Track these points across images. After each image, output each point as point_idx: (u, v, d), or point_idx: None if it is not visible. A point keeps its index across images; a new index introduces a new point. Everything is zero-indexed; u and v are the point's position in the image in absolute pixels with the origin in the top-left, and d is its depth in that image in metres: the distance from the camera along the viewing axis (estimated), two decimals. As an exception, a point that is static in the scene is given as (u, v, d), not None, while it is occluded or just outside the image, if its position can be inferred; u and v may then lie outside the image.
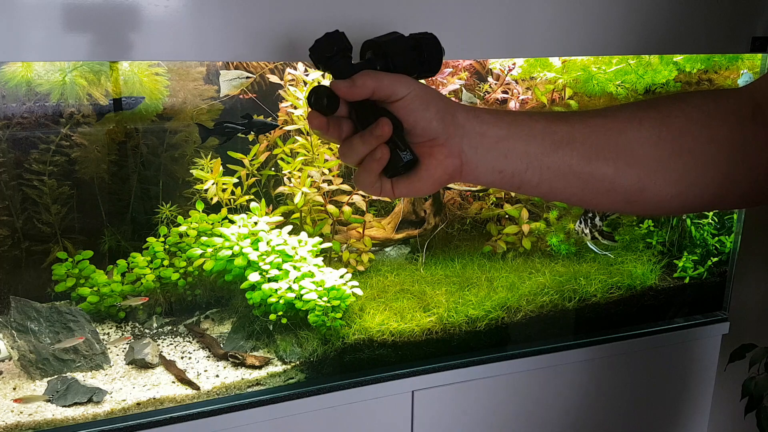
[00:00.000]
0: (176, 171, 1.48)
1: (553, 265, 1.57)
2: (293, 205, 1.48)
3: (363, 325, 1.34)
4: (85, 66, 1.32)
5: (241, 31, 1.01)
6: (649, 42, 1.30)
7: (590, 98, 1.68)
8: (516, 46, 1.21)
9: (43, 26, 0.90)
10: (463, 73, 1.58)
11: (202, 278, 1.44)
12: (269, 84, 1.46)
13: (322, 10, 1.04)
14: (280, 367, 1.30)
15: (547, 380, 1.45)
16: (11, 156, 1.36)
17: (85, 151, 1.40)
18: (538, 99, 1.61)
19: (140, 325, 1.42)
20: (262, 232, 1.40)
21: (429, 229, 1.62)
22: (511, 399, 1.43)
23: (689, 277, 1.64)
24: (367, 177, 0.63)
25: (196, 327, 1.43)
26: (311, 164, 1.51)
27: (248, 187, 1.51)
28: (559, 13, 1.20)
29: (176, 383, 1.25)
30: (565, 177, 0.64)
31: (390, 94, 0.61)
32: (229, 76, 1.36)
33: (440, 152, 0.63)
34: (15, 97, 1.32)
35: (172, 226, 1.46)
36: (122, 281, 1.40)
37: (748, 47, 1.36)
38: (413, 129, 0.62)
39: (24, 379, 1.24)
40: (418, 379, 1.33)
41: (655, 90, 1.70)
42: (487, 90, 1.63)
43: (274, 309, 1.31)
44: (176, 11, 0.95)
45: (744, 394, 1.58)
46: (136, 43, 0.95)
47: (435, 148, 0.63)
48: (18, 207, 1.38)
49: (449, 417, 1.39)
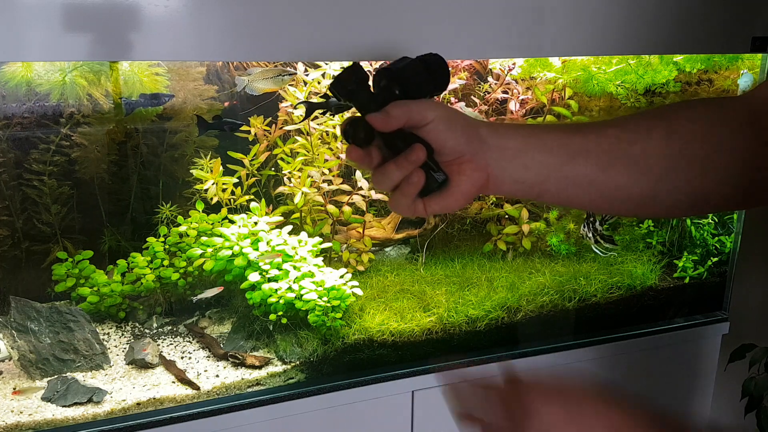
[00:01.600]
0: (176, 171, 1.48)
1: (553, 265, 1.57)
2: (293, 205, 1.48)
3: (363, 325, 1.34)
4: (85, 66, 1.32)
5: (241, 31, 1.01)
6: (649, 42, 1.30)
7: (590, 98, 1.68)
8: (516, 46, 1.21)
9: (43, 26, 0.90)
10: (463, 73, 1.58)
11: (202, 278, 1.44)
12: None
13: (322, 10, 1.04)
14: (280, 367, 1.30)
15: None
16: (11, 156, 1.36)
17: (85, 151, 1.40)
18: (538, 99, 1.61)
19: (140, 325, 1.42)
20: (262, 232, 1.40)
21: (429, 229, 1.62)
22: (511, 399, 1.43)
23: (689, 277, 1.64)
24: (405, 200, 0.65)
25: (195, 327, 1.43)
26: (311, 164, 1.51)
27: (248, 187, 1.51)
28: (559, 14, 1.20)
29: (176, 383, 1.25)
30: (582, 186, 0.67)
31: (420, 120, 0.64)
32: (270, 73, 1.34)
33: (468, 168, 0.65)
34: (15, 97, 1.32)
35: (172, 226, 1.46)
36: (122, 281, 1.40)
37: (748, 47, 1.36)
38: (442, 149, 0.65)
39: (24, 379, 1.24)
40: (418, 379, 1.33)
41: (655, 90, 1.70)
42: (487, 90, 1.63)
43: (274, 309, 1.31)
44: (176, 11, 0.95)
45: (744, 394, 1.58)
46: (136, 43, 0.95)
47: (463, 165, 0.65)
48: (18, 207, 1.38)
49: (449, 417, 1.39)
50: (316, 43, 1.06)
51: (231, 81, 1.49)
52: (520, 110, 1.62)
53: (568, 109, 1.61)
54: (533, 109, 1.66)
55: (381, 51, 1.15)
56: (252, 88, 1.35)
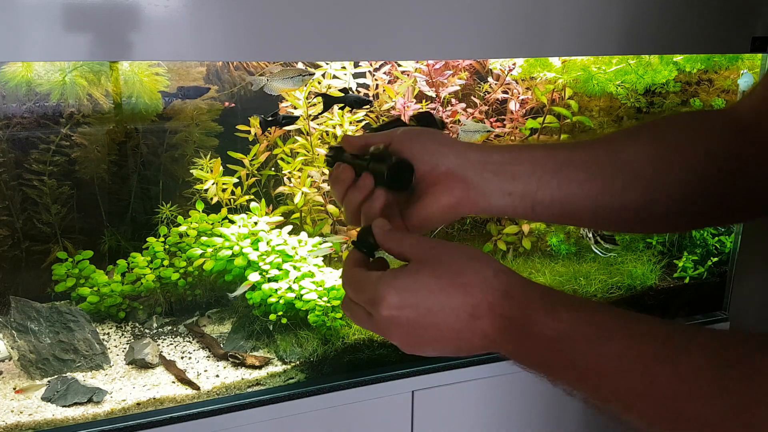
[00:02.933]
0: (176, 171, 1.49)
1: (553, 265, 1.57)
2: (293, 205, 1.48)
3: (363, 325, 1.34)
4: (85, 66, 1.32)
5: (241, 31, 1.01)
6: (649, 42, 1.30)
7: (590, 98, 1.68)
8: (516, 46, 1.21)
9: (43, 26, 0.90)
10: (463, 73, 1.58)
11: (202, 278, 1.44)
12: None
13: (322, 10, 1.04)
14: (280, 367, 1.30)
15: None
16: (11, 156, 1.36)
17: (85, 151, 1.40)
18: (538, 99, 1.61)
19: (140, 325, 1.42)
20: (262, 232, 1.40)
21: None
22: (511, 399, 1.43)
23: (689, 277, 1.64)
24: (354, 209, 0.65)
25: (195, 327, 1.43)
26: (311, 164, 1.51)
27: (248, 187, 1.51)
28: (559, 14, 1.20)
29: (176, 383, 1.25)
30: (575, 196, 0.66)
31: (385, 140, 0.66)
32: (289, 73, 1.34)
33: (444, 178, 0.64)
34: (15, 97, 1.32)
35: (172, 226, 1.46)
36: (122, 281, 1.40)
37: (748, 47, 1.36)
38: (411, 157, 0.65)
39: (24, 379, 1.24)
40: (418, 379, 1.33)
41: (655, 90, 1.70)
42: (487, 90, 1.63)
43: (274, 309, 1.31)
44: (176, 11, 0.95)
45: (744, 394, 1.58)
46: (136, 43, 0.95)
47: (439, 176, 0.64)
48: (18, 207, 1.38)
49: (449, 417, 1.39)
50: (316, 43, 1.06)
51: (231, 81, 1.49)
52: (520, 110, 1.62)
53: (568, 109, 1.61)
54: (533, 109, 1.66)
55: (381, 51, 1.15)
56: (270, 88, 1.35)
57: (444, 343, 0.55)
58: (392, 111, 1.56)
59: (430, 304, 0.54)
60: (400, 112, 1.54)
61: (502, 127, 1.62)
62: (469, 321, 0.53)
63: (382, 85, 1.55)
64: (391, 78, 1.55)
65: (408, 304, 0.54)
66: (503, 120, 1.64)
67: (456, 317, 0.54)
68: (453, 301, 0.54)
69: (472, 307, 0.53)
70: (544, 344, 0.51)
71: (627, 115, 1.74)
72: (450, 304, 0.54)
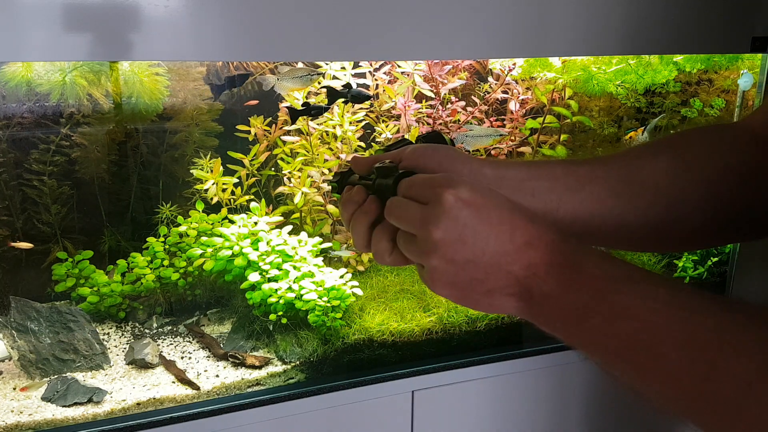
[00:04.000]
0: (176, 171, 1.49)
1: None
2: (293, 205, 1.48)
3: (363, 325, 1.34)
4: (85, 66, 1.32)
5: (241, 31, 1.01)
6: (649, 42, 1.30)
7: (590, 98, 1.68)
8: (516, 46, 1.21)
9: (43, 26, 0.90)
10: (463, 73, 1.58)
11: (202, 278, 1.44)
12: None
13: (322, 10, 1.04)
14: (280, 367, 1.30)
15: (548, 380, 1.45)
16: (11, 156, 1.36)
17: (85, 151, 1.40)
18: (538, 99, 1.61)
19: (140, 325, 1.42)
20: (262, 232, 1.40)
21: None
22: (511, 399, 1.43)
23: (689, 277, 1.64)
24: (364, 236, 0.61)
25: (195, 327, 1.43)
26: (311, 164, 1.51)
27: (248, 187, 1.51)
28: (559, 14, 1.20)
29: (176, 383, 1.25)
30: (597, 214, 0.64)
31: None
32: (299, 72, 1.34)
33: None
34: (15, 97, 1.32)
35: (172, 226, 1.46)
36: (122, 281, 1.40)
37: (748, 47, 1.36)
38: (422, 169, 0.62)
39: (24, 379, 1.24)
40: (418, 379, 1.33)
41: (655, 90, 1.70)
42: (487, 90, 1.63)
43: (274, 309, 1.31)
44: (176, 11, 0.95)
45: (744, 394, 1.58)
46: (136, 43, 0.95)
47: None
48: (18, 207, 1.38)
49: (449, 417, 1.39)
50: (317, 43, 1.06)
51: (230, 81, 1.49)
52: (520, 110, 1.63)
53: (568, 109, 1.61)
54: (533, 109, 1.66)
55: (381, 51, 1.15)
56: (280, 87, 1.35)
57: (482, 260, 0.52)
58: (392, 111, 1.56)
59: (496, 214, 0.52)
60: (401, 111, 1.54)
61: (502, 127, 1.62)
62: (522, 246, 0.52)
63: (382, 85, 1.55)
64: (391, 78, 1.55)
65: (476, 203, 0.52)
66: (503, 120, 1.64)
67: (511, 236, 0.52)
68: (516, 221, 0.52)
69: (531, 236, 0.52)
70: (590, 283, 0.50)
71: (627, 115, 1.74)
72: (513, 222, 0.52)
